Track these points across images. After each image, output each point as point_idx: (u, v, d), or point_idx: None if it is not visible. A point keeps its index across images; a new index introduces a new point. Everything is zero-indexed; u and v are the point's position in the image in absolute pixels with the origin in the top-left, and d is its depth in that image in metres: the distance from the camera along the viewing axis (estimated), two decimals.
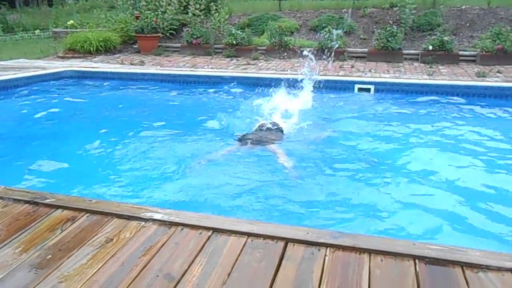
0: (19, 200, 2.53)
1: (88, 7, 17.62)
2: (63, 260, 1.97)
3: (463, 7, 11.05)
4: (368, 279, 1.81)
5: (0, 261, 1.98)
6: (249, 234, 2.13)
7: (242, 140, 4.81)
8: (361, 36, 10.59)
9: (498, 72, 7.99)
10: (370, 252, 1.98)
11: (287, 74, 7.79)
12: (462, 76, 7.74)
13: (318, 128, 5.46)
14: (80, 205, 2.46)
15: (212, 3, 11.26)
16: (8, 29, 14.85)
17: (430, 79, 7.49)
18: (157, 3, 11.59)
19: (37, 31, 14.76)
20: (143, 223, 2.28)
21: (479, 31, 9.99)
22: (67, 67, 8.79)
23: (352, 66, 8.84)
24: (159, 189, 3.82)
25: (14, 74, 7.79)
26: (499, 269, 1.83)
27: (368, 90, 7.18)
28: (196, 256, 1.98)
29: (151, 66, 9.20)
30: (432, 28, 10.11)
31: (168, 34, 11.52)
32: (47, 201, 2.50)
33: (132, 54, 11.09)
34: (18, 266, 1.94)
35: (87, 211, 2.40)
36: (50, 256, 2.01)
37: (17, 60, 9.71)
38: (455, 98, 6.77)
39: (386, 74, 8.06)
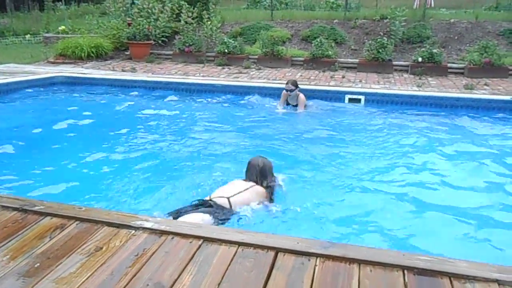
0: (7, 207, 2.50)
1: (79, 13, 17.61)
2: (51, 268, 1.95)
3: (452, 20, 11.27)
4: None
5: None
6: (239, 244, 2.14)
7: None
8: (352, 47, 10.72)
9: (486, 84, 8.14)
10: (360, 262, 1.99)
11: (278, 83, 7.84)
12: (451, 88, 7.86)
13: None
14: (70, 212, 2.44)
15: (204, 12, 11.33)
16: None
17: (419, 90, 7.59)
18: (149, 11, 11.62)
19: (27, 36, 14.67)
20: (133, 231, 2.27)
21: (467, 44, 10.18)
22: (58, 72, 8.74)
23: (343, 77, 8.93)
24: (148, 197, 3.80)
25: (4, 79, 7.73)
26: (486, 280, 1.85)
27: (359, 100, 7.25)
28: (186, 265, 1.98)
29: (142, 73, 9.19)
30: (422, 41, 10.28)
31: (160, 42, 11.54)
32: (36, 208, 2.47)
33: (123, 60, 11.07)
34: (6, 274, 1.91)
35: (76, 218, 2.38)
36: (38, 264, 1.99)
37: (7, 65, 9.63)
38: (444, 109, 6.87)
39: (377, 85, 8.16)
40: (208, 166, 4.57)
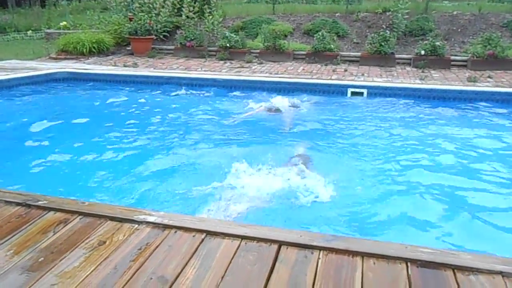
0: (11, 202, 2.51)
1: (81, 8, 17.54)
2: (55, 263, 1.96)
3: (455, 12, 11.19)
4: (361, 282, 1.82)
5: None
6: (242, 237, 2.14)
7: None
8: (354, 40, 10.66)
9: (489, 77, 8.09)
10: (363, 255, 1.99)
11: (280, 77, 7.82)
12: (454, 81, 7.82)
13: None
14: (73, 207, 2.44)
15: (206, 6, 11.28)
16: None
17: (422, 83, 7.56)
18: (150, 5, 11.58)
19: (29, 32, 14.65)
20: (136, 225, 2.27)
21: (470, 37, 10.11)
22: (60, 68, 8.73)
23: (345, 70, 8.89)
24: (151, 192, 3.81)
25: (6, 75, 7.72)
26: (489, 272, 1.85)
27: (361, 94, 7.23)
28: (189, 259, 1.98)
29: (144, 68, 9.17)
30: (424, 33, 10.21)
31: (161, 36, 11.51)
32: (39, 203, 2.48)
33: (125, 56, 11.05)
34: (10, 269, 1.92)
35: (79, 213, 2.39)
36: (42, 258, 2.00)
37: (9, 61, 9.63)
38: (447, 102, 6.84)
39: (379, 78, 8.12)
40: (210, 160, 4.58)
